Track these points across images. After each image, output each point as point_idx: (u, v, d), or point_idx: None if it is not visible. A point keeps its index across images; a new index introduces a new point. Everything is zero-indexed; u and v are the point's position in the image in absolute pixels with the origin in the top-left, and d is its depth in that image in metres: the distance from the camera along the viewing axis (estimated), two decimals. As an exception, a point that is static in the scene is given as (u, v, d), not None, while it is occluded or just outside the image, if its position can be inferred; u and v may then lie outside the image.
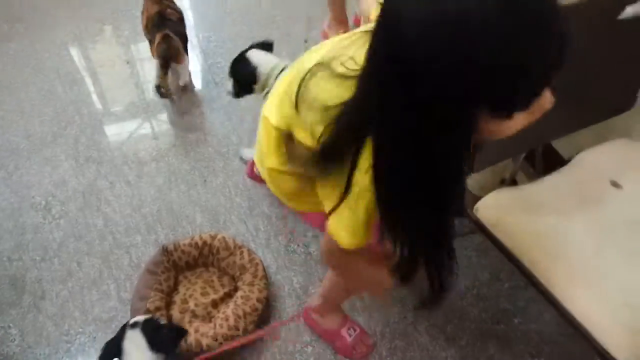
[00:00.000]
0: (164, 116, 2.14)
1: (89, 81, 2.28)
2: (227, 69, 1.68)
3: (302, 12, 2.66)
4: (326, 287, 1.37)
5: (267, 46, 1.69)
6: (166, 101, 2.15)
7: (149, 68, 2.33)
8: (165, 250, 1.55)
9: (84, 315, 1.50)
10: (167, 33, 1.94)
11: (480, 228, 1.20)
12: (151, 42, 2.01)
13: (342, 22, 1.69)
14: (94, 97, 2.23)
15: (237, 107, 2.14)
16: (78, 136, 1.99)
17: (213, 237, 1.60)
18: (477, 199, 1.23)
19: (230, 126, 2.08)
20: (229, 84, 1.69)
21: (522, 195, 1.24)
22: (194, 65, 2.31)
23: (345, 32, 1.65)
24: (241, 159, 1.95)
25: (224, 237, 1.60)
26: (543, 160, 1.48)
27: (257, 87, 1.63)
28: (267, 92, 1.59)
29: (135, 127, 2.09)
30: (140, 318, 1.21)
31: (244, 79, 1.62)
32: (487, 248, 1.57)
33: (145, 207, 1.78)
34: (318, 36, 1.81)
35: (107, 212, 1.76)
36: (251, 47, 1.67)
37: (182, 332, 1.27)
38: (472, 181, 1.56)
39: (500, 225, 1.19)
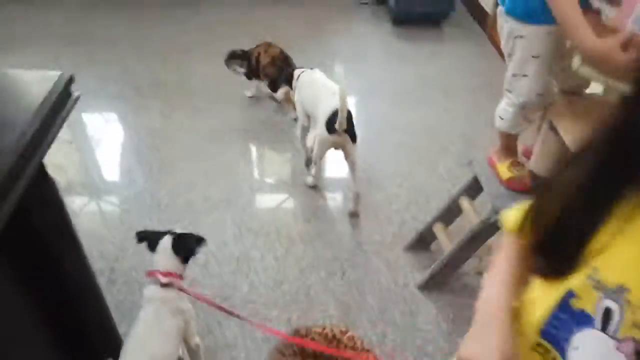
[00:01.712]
0: (322, 203, 2.32)
1: (263, 161, 2.60)
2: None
3: (461, 129, 2.76)
4: None
5: None
6: (330, 192, 2.36)
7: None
8: (297, 333, 1.61)
9: (212, 374, 1.61)
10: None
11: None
12: (276, 79, 2.66)
13: (512, 151, 1.71)
14: (266, 176, 2.52)
15: (387, 210, 2.24)
16: (245, 207, 2.25)
17: (343, 333, 1.62)
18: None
19: (376, 225, 2.17)
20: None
21: None
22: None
23: (513, 162, 1.68)
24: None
25: (353, 337, 1.61)
26: None
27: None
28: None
29: (296, 208, 2.30)
30: (177, 232, 1.47)
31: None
32: None
33: (285, 285, 1.90)
34: (482, 158, 1.84)
35: (253, 281, 1.91)
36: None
37: (201, 240, 1.46)
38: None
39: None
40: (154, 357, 1.29)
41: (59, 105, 1.10)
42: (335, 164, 2.51)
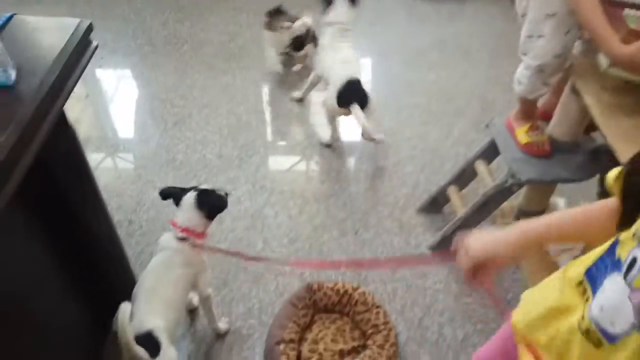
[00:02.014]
0: (335, 164, 2.31)
1: (278, 120, 2.58)
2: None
3: (479, 92, 2.71)
4: None
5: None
6: (344, 153, 2.36)
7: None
8: (309, 288, 1.65)
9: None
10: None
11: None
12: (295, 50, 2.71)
13: (530, 116, 1.69)
14: (280, 135, 2.51)
15: (401, 172, 2.24)
16: (259, 165, 2.27)
17: (355, 289, 1.66)
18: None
19: (390, 187, 2.17)
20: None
21: None
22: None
23: (531, 126, 1.66)
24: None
25: (364, 292, 1.65)
26: None
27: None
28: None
29: (309, 168, 2.31)
30: (203, 187, 1.48)
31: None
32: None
33: (298, 242, 1.93)
34: (500, 122, 1.81)
35: (267, 237, 1.95)
36: None
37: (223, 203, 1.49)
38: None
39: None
40: (164, 301, 1.34)
41: (79, 53, 1.09)
42: (349, 129, 2.49)
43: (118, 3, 3.38)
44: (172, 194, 1.48)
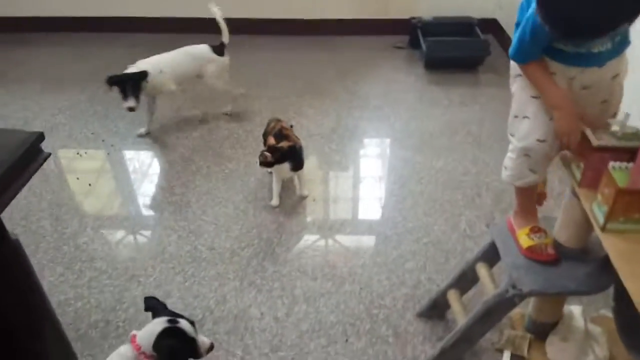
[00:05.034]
0: (331, 259, 2.18)
1: (275, 210, 2.48)
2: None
3: (489, 181, 2.57)
4: None
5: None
6: (339, 248, 2.22)
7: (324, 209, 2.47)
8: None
9: None
10: None
11: None
12: None
13: (530, 214, 1.54)
14: (274, 225, 2.39)
15: (401, 269, 2.07)
16: (250, 259, 2.15)
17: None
18: None
19: (388, 286, 2.00)
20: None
21: None
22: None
23: (532, 228, 1.50)
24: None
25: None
26: None
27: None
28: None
29: (301, 263, 2.16)
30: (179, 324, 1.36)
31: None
32: None
33: (282, 351, 1.76)
34: (502, 222, 1.66)
35: (248, 344, 1.78)
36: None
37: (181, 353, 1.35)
38: None
39: None
40: None
41: (24, 161, 1.06)
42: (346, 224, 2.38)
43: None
44: (154, 310, 1.42)
